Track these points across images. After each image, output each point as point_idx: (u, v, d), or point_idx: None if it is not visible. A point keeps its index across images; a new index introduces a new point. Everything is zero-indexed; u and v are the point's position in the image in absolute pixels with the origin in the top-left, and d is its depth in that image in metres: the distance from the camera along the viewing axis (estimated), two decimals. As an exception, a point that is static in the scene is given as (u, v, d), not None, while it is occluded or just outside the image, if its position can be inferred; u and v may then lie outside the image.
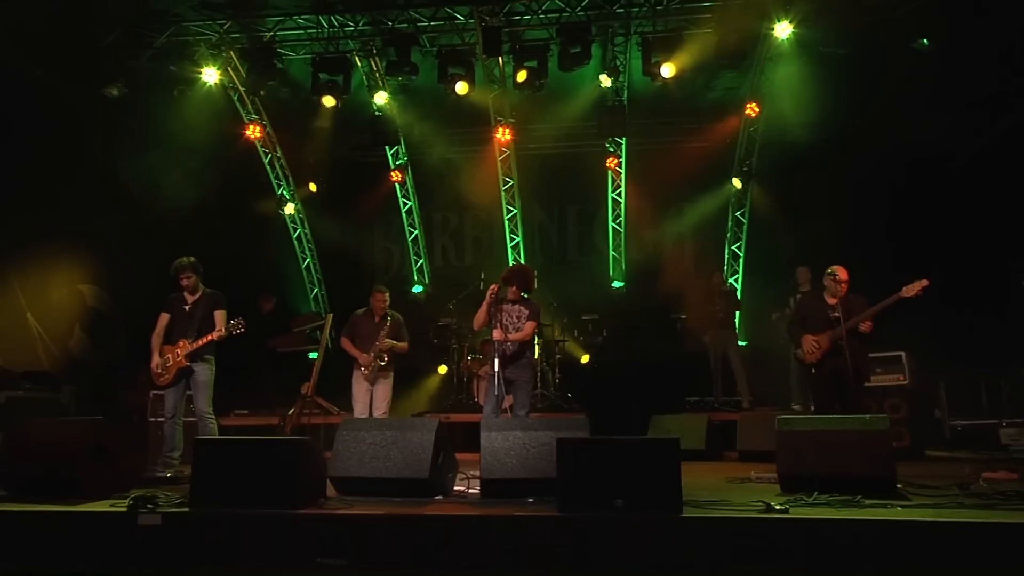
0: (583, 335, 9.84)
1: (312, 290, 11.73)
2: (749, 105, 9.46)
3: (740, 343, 9.15)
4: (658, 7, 8.60)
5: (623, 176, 10.56)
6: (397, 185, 11.32)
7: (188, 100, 9.25)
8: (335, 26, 9.23)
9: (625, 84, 9.58)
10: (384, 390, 6.67)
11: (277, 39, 9.28)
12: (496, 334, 5.79)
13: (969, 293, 7.93)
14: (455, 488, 4.84)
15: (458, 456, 5.03)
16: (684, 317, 9.76)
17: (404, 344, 6.75)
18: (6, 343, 7.95)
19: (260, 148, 10.78)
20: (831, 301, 5.86)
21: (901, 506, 3.89)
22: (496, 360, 5.69)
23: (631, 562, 3.55)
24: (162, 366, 5.79)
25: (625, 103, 9.57)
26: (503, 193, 10.70)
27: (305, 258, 11.65)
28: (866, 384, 5.90)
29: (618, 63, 9.24)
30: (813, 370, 5.91)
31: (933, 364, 7.89)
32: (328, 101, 9.27)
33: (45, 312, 8.61)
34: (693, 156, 10.19)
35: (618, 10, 8.70)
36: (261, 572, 3.71)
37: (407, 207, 11.54)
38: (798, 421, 4.79)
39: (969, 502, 3.95)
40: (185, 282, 5.87)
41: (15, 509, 4.04)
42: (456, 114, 10.06)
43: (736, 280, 10.31)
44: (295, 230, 11.52)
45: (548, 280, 10.27)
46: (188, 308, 5.89)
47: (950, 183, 8.29)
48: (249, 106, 10.28)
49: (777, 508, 3.73)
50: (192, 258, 5.93)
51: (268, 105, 10.37)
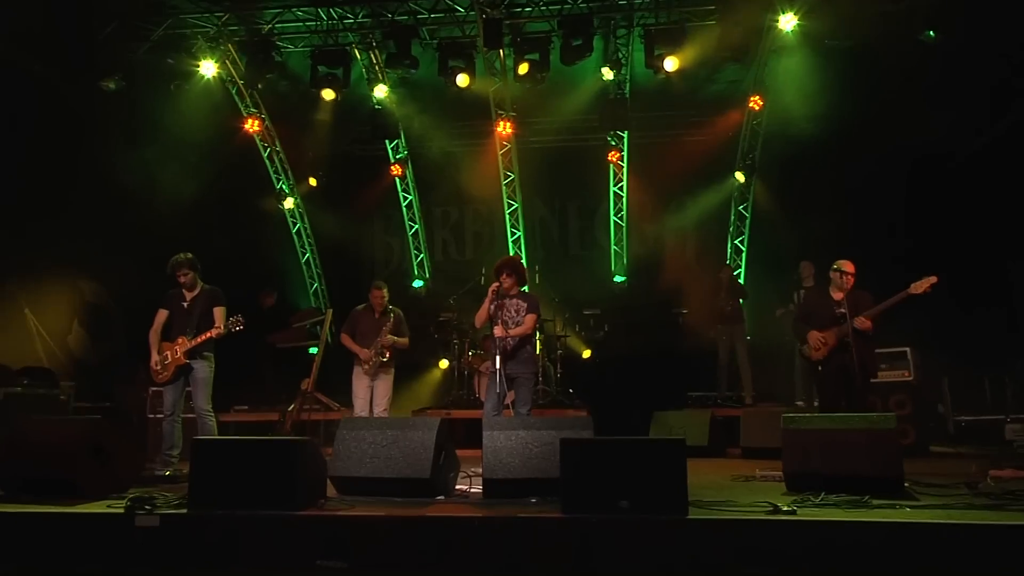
0: (584, 330, 9.79)
1: (312, 285, 11.66)
2: (752, 98, 9.38)
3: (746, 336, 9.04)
4: (660, -1, 8.53)
5: (625, 170, 10.47)
6: (397, 179, 11.24)
7: (186, 93, 9.17)
8: (334, 18, 9.16)
9: (627, 77, 9.48)
10: (385, 386, 6.64)
11: (275, 31, 9.22)
12: (497, 330, 5.74)
13: (974, 289, 7.86)
14: (457, 487, 4.80)
15: (459, 452, 4.98)
16: (686, 312, 9.72)
17: (405, 340, 6.72)
18: (4, 339, 7.89)
19: (259, 142, 10.70)
20: (837, 296, 5.77)
21: (910, 507, 3.86)
22: (498, 357, 5.64)
23: (636, 565, 3.51)
24: (161, 363, 5.72)
25: (627, 96, 9.48)
26: (504, 187, 10.62)
27: (305, 253, 11.58)
28: (871, 380, 5.83)
29: (620, 56, 9.15)
30: (819, 367, 5.85)
31: (937, 360, 7.84)
32: (327, 94, 9.20)
33: (43, 308, 8.55)
34: (695, 149, 10.08)
35: (620, 2, 8.62)
36: (260, 575, 3.67)
37: (407, 201, 11.45)
38: (804, 419, 4.73)
39: (979, 502, 3.93)
40: (182, 279, 5.79)
41: (12, 510, 4.00)
42: (456, 107, 9.98)
43: (739, 275, 10.22)
44: (294, 224, 11.44)
45: (549, 275, 10.25)
46: (187, 305, 5.81)
47: (955, 178, 8.21)
48: (247, 99, 10.20)
49: (784, 509, 3.69)
50: (189, 254, 5.83)
51: (267, 98, 10.29)
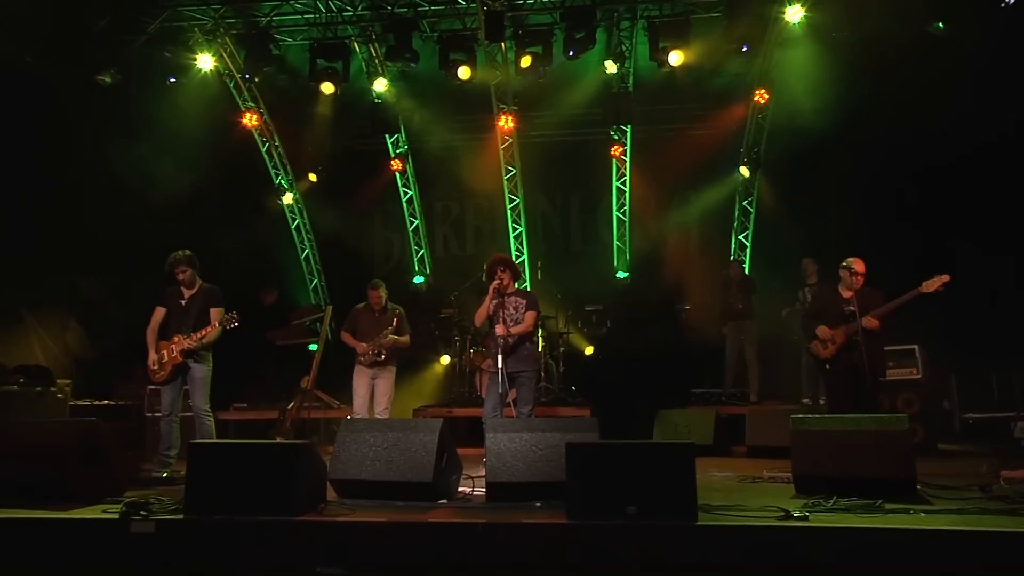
0: (587, 326, 9.67)
1: (311, 281, 11.55)
2: (758, 91, 9.24)
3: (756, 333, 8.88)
4: (665, -10, 8.40)
5: (628, 164, 10.34)
6: (397, 174, 11.11)
7: (183, 87, 9.05)
8: (333, 11, 9.04)
9: (630, 70, 9.34)
10: (385, 385, 6.57)
11: (273, 24, 9.08)
12: (499, 329, 5.67)
13: (981, 285, 7.74)
14: (459, 489, 4.71)
15: (461, 451, 4.90)
16: (688, 308, 9.61)
17: (405, 339, 6.64)
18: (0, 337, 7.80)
19: (257, 136, 10.56)
20: (846, 294, 5.69)
21: (924, 512, 3.78)
22: (500, 356, 5.55)
23: (643, 573, 3.42)
24: (158, 363, 5.63)
25: (630, 89, 9.34)
26: (505, 182, 10.48)
27: (304, 249, 11.46)
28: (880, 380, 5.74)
29: (624, 48, 9.00)
30: (827, 365, 5.76)
31: (944, 357, 7.74)
32: (327, 88, 9.08)
33: (40, 305, 8.45)
34: (699, 144, 9.93)
35: (624, -6, 8.49)
36: (259, 582, 3.58)
37: (407, 196, 11.33)
38: (814, 421, 4.64)
39: (993, 507, 3.88)
40: (181, 276, 5.70)
41: (3, 516, 3.91)
42: (457, 101, 9.85)
43: (744, 271, 10.08)
44: (294, 220, 11.32)
45: (551, 270, 10.13)
46: (184, 303, 5.73)
47: (965, 173, 8.06)
48: (245, 93, 10.06)
49: (796, 515, 3.60)
50: (188, 251, 5.73)
51: (265, 92, 10.16)
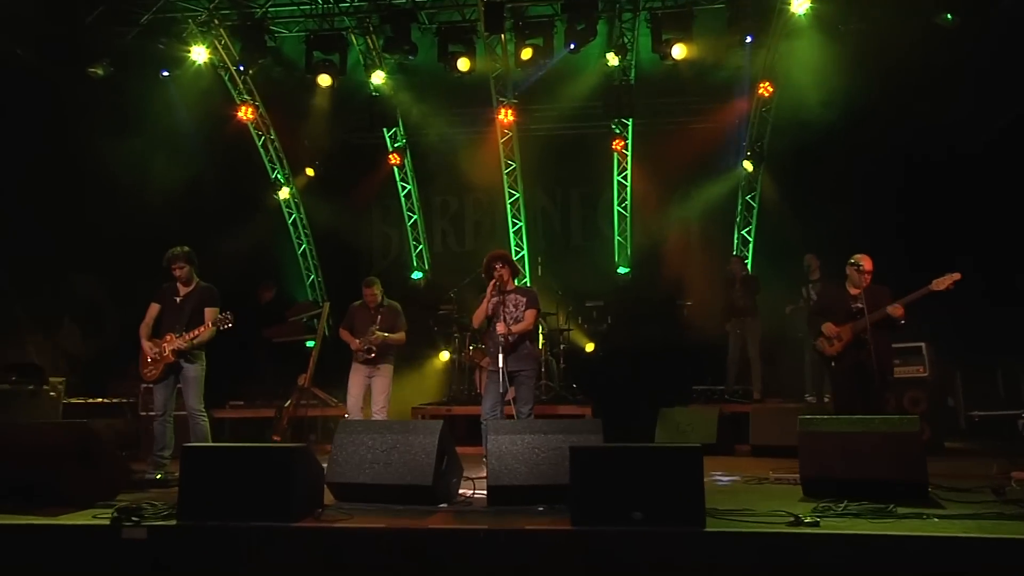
0: (587, 322, 9.56)
1: (309, 277, 11.41)
2: (762, 84, 9.10)
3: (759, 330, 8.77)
4: (668, -20, 8.26)
5: (629, 158, 10.19)
6: (395, 168, 10.97)
7: (177, 80, 8.90)
8: (330, 2, 8.90)
9: (632, 63, 9.20)
10: (382, 384, 6.46)
11: (269, 15, 8.95)
12: (499, 327, 5.57)
13: (988, 281, 7.63)
14: (459, 492, 4.61)
15: (460, 450, 4.80)
16: (690, 303, 9.50)
17: (398, 335, 6.50)
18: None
19: (253, 130, 10.41)
20: (853, 292, 5.58)
21: (937, 517, 3.68)
22: (501, 355, 5.45)
23: (651, 581, 3.32)
24: (152, 359, 5.52)
25: (632, 82, 9.20)
26: (505, 177, 10.35)
27: (301, 244, 11.32)
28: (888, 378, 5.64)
29: (626, 41, 8.85)
30: (833, 363, 5.66)
31: (949, 353, 7.64)
32: (323, 80, 8.95)
33: (33, 302, 8.32)
34: (702, 137, 9.77)
35: (626, -16, 8.35)
36: (254, 591, 3.49)
37: (406, 191, 11.19)
38: (822, 422, 4.55)
39: (1008, 511, 3.81)
40: (177, 272, 5.59)
41: (-9, 521, 3.80)
42: (456, 94, 9.71)
43: (747, 267, 9.94)
44: (290, 215, 11.17)
45: (551, 266, 10.03)
46: (179, 300, 5.62)
47: (972, 168, 7.93)
48: (240, 86, 9.91)
49: (807, 521, 3.50)
50: (186, 247, 5.62)
51: (260, 85, 10.01)
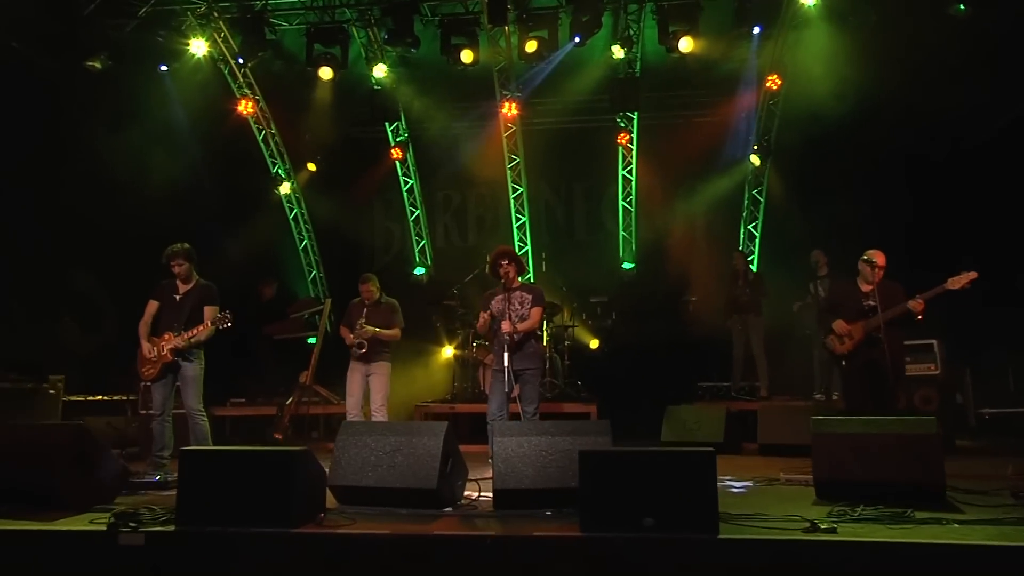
0: (591, 318, 9.45)
1: (310, 273, 11.30)
2: (770, 77, 8.94)
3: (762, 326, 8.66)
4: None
5: (634, 152, 10.05)
6: (397, 162, 10.83)
7: (175, 74, 8.77)
8: (330, -6, 8.74)
9: (638, 55, 9.04)
10: (380, 381, 6.37)
11: (269, 8, 8.79)
12: (505, 325, 5.48)
13: (999, 277, 7.50)
14: (464, 493, 4.52)
15: (464, 448, 4.71)
16: (694, 299, 9.39)
17: (392, 331, 6.38)
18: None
19: (253, 124, 10.28)
20: (865, 288, 5.46)
21: (957, 522, 3.58)
22: (506, 354, 5.36)
23: (663, 589, 3.22)
24: (149, 357, 5.44)
25: (638, 75, 9.06)
26: (509, 171, 10.21)
27: (302, 240, 11.20)
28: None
29: (631, 33, 8.70)
30: (844, 362, 5.55)
31: (958, 350, 7.52)
32: (324, 74, 8.82)
33: (32, 298, 8.22)
34: (708, 131, 9.62)
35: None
36: (255, 599, 3.39)
37: (408, 185, 11.05)
38: (836, 422, 4.44)
39: None
40: (177, 269, 5.51)
41: (-15, 527, 3.70)
42: (459, 88, 9.59)
43: (752, 262, 9.84)
44: (291, 210, 11.05)
45: (555, 261, 9.92)
46: (178, 298, 5.55)
47: (982, 162, 7.79)
48: (240, 80, 9.77)
49: (824, 527, 3.39)
50: (186, 244, 5.53)
51: (260, 79, 9.89)
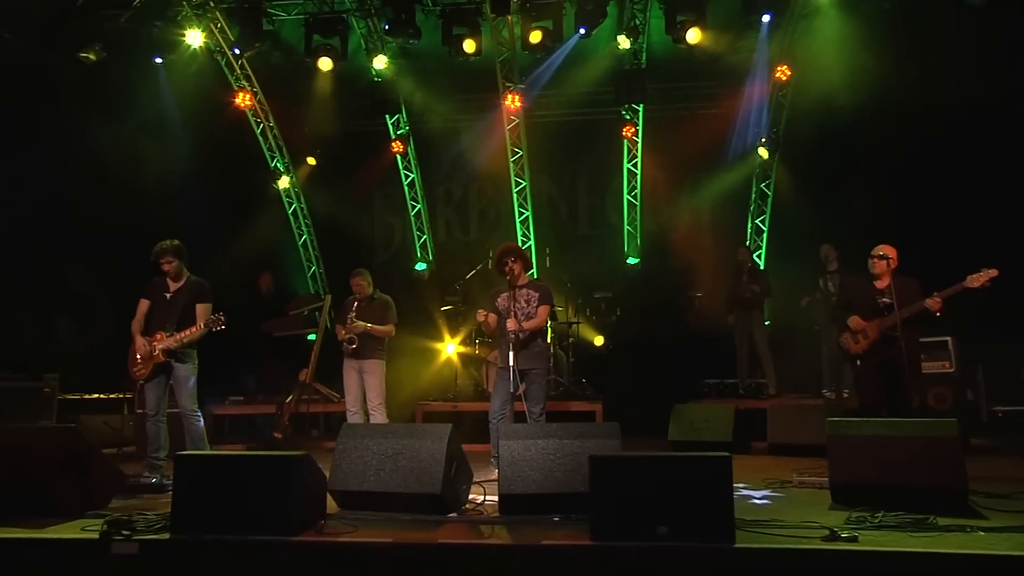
0: (596, 314, 9.31)
1: (309, 268, 11.14)
2: (779, 68, 8.76)
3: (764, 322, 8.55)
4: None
5: (639, 145, 9.87)
6: (398, 156, 10.66)
7: (171, 65, 8.61)
8: (330, -17, 8.57)
9: (644, 46, 8.86)
10: (374, 380, 6.22)
11: (267, -3, 8.63)
12: (510, 323, 5.34)
13: (1014, 271, 7.34)
14: (469, 497, 4.38)
15: (467, 448, 4.55)
16: (700, 295, 9.25)
17: (385, 328, 6.22)
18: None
19: (251, 117, 10.11)
20: (880, 284, 5.31)
21: (982, 529, 3.43)
22: (511, 353, 5.22)
23: (678, 601, 3.09)
24: (142, 356, 5.31)
25: (644, 66, 8.88)
26: (511, 164, 10.05)
27: (301, 234, 11.05)
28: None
29: (637, 22, 8.52)
30: (858, 361, 5.40)
31: (970, 346, 7.38)
32: (324, 65, 8.67)
33: (26, 294, 8.08)
34: (715, 123, 9.44)
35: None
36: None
37: (409, 179, 10.89)
38: (853, 424, 4.29)
39: None
40: (166, 267, 5.36)
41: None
42: (461, 79, 9.44)
43: (759, 256, 9.69)
44: (290, 205, 10.90)
45: (559, 256, 9.78)
46: (169, 297, 5.40)
47: (999, 154, 7.61)
48: (238, 72, 9.61)
49: (844, 536, 3.25)
50: (175, 241, 5.37)
51: (258, 71, 9.74)
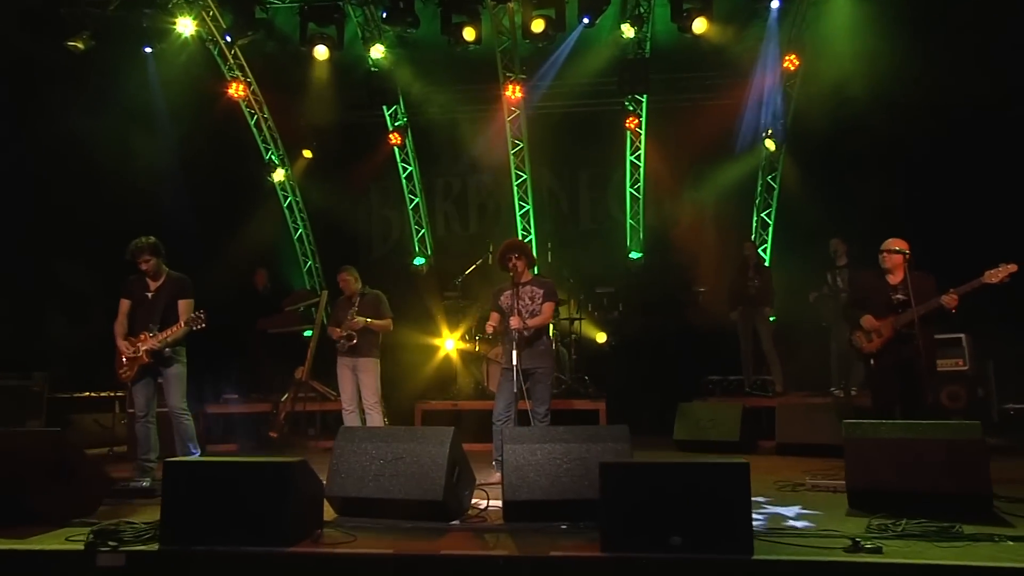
0: (598, 310, 9.14)
1: (305, 263, 10.93)
2: (787, 57, 8.55)
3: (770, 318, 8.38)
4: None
5: (643, 137, 9.66)
6: (396, 148, 10.44)
7: (161, 55, 8.39)
8: (325, -30, 8.34)
9: (648, 35, 8.65)
10: (369, 379, 6.15)
11: (260, -16, 8.41)
12: (514, 321, 5.18)
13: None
14: (471, 502, 4.22)
15: (468, 447, 4.41)
16: (704, 290, 9.09)
17: (383, 322, 6.17)
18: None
19: (244, 108, 9.88)
20: (893, 280, 5.14)
21: (1011, 539, 3.28)
22: (514, 352, 5.06)
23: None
24: (127, 357, 5.18)
25: (648, 56, 8.67)
26: (512, 157, 9.85)
27: (297, 229, 10.83)
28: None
29: (642, 10, 8.30)
30: (872, 361, 5.23)
31: (982, 342, 7.23)
32: (320, 54, 8.48)
33: (12, 291, 7.88)
34: (721, 115, 9.17)
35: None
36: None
37: (407, 172, 10.67)
38: (871, 427, 4.13)
39: None
40: (144, 266, 5.24)
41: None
42: (460, 70, 9.22)
43: (765, 250, 9.51)
44: (285, 198, 10.67)
45: (560, 251, 9.61)
46: (151, 295, 5.29)
47: (1013, 146, 7.43)
48: (231, 61, 9.37)
49: (868, 547, 3.10)
50: (151, 238, 5.24)
51: (252, 60, 9.49)
